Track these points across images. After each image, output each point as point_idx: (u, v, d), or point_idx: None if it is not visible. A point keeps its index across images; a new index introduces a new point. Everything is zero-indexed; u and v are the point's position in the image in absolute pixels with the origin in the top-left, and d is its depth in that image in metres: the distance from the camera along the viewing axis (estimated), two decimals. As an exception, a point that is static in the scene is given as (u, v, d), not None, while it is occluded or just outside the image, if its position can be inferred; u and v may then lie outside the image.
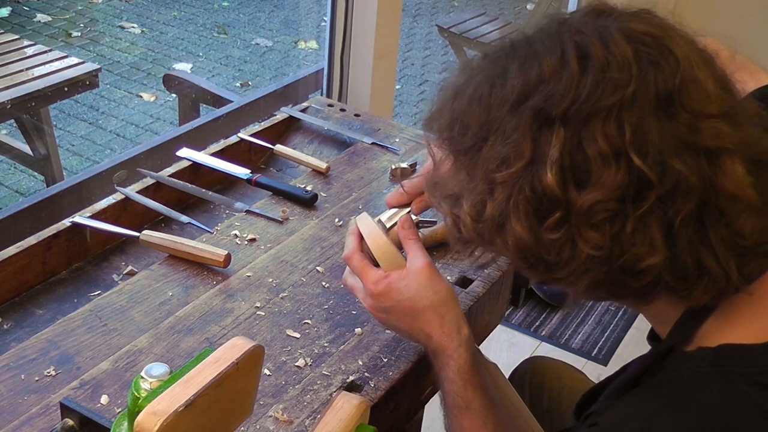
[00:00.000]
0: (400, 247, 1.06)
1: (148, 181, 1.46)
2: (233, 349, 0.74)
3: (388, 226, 1.08)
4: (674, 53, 0.71)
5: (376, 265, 1.04)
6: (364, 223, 1.06)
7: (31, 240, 1.26)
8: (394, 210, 1.10)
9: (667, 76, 0.70)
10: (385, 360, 1.12)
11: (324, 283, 1.26)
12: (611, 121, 0.69)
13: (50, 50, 3.15)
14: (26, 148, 3.05)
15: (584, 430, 0.76)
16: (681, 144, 0.69)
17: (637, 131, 0.69)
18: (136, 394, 0.73)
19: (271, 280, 1.26)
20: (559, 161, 0.70)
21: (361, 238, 1.05)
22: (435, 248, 1.37)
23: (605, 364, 2.55)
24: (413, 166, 1.59)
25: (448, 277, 1.30)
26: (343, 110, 1.83)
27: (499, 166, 0.73)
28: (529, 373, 1.41)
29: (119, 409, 0.99)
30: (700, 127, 0.70)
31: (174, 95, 3.61)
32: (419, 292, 0.99)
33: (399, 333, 1.07)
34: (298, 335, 1.15)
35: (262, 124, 1.74)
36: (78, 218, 1.32)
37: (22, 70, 2.93)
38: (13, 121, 3.08)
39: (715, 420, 0.71)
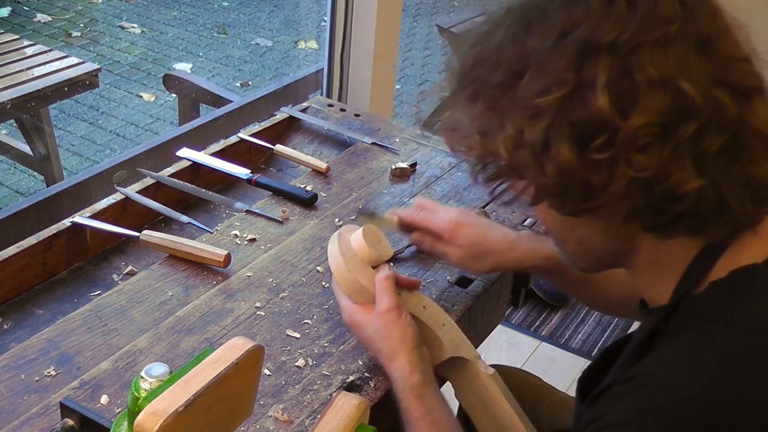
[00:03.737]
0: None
1: (148, 181, 1.46)
2: (233, 349, 0.74)
3: (358, 250, 1.09)
4: (711, 4, 0.77)
5: None
6: (339, 245, 1.09)
7: (31, 240, 1.26)
8: (364, 230, 1.11)
9: (705, 22, 0.75)
10: (385, 360, 1.12)
11: (324, 283, 1.26)
12: (658, 51, 0.72)
13: (50, 50, 3.15)
14: (26, 148, 3.05)
15: (627, 401, 0.75)
16: (717, 79, 0.73)
17: (681, 62, 0.72)
18: (136, 394, 0.73)
19: (271, 280, 1.26)
20: (608, 85, 0.72)
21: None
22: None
23: (605, 364, 2.55)
24: (413, 166, 1.59)
25: (448, 278, 1.30)
26: (343, 110, 1.83)
27: (541, 93, 0.74)
28: None
29: (119, 409, 0.99)
30: (732, 67, 0.74)
31: (174, 95, 3.61)
32: (375, 334, 1.05)
33: None
34: (298, 335, 1.15)
35: (262, 124, 1.75)
36: (78, 218, 1.32)
37: (22, 70, 2.93)
38: (13, 121, 3.08)
39: (759, 336, 0.72)
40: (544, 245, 1.14)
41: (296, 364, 1.10)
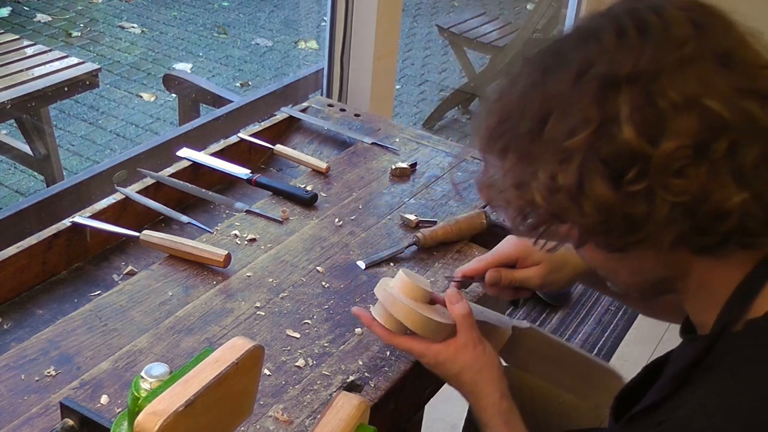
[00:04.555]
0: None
1: (148, 181, 1.46)
2: (233, 349, 0.74)
3: (401, 296, 1.06)
4: (723, 18, 0.76)
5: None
6: (391, 299, 1.05)
7: (31, 240, 1.26)
8: (402, 278, 1.08)
9: (720, 36, 0.74)
10: (385, 360, 1.12)
11: (324, 283, 1.26)
12: (677, 75, 0.72)
13: (50, 50, 3.15)
14: (26, 148, 3.05)
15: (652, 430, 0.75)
16: (744, 90, 0.72)
17: (703, 80, 0.72)
18: (136, 394, 0.73)
19: (271, 280, 1.26)
20: (632, 117, 0.71)
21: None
22: (435, 248, 1.37)
23: (605, 364, 2.55)
24: (413, 165, 1.59)
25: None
26: (343, 110, 1.83)
27: (568, 135, 0.74)
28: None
29: (119, 409, 0.99)
30: (756, 75, 0.74)
31: (174, 95, 3.61)
32: (468, 369, 1.03)
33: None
34: (298, 335, 1.15)
35: (262, 124, 1.75)
36: (78, 218, 1.32)
37: (22, 70, 2.92)
38: (13, 121, 3.08)
39: None
40: None
41: (296, 364, 1.10)
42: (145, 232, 1.31)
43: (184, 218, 1.41)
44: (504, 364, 1.15)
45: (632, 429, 0.83)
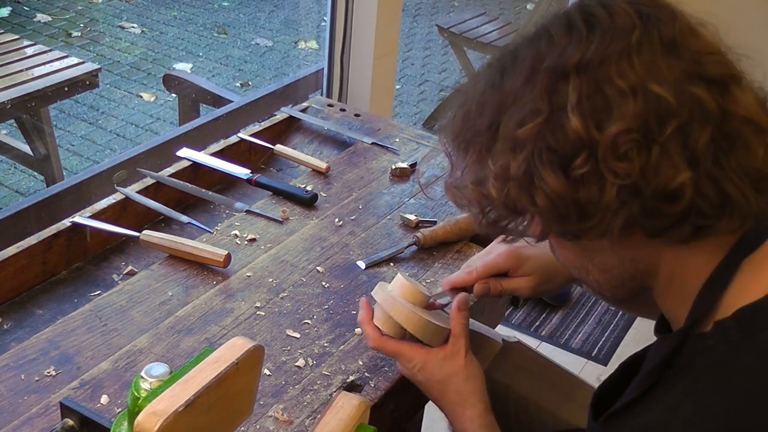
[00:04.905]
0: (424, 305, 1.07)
1: (148, 181, 1.46)
2: (233, 349, 0.74)
3: (404, 299, 1.06)
4: (670, 8, 0.78)
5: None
6: (390, 301, 1.05)
7: (31, 240, 1.26)
8: (401, 281, 1.08)
9: (667, 25, 0.76)
10: (385, 360, 1.12)
11: (324, 283, 1.26)
12: (624, 62, 0.73)
13: (50, 50, 3.15)
14: (26, 148, 3.05)
15: None
16: (691, 75, 0.74)
17: (649, 67, 0.74)
18: (136, 394, 0.73)
19: (271, 280, 1.26)
20: (579, 105, 0.73)
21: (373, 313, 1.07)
22: (435, 248, 1.37)
23: (605, 364, 2.55)
24: (413, 165, 1.59)
25: (448, 277, 1.30)
26: (343, 110, 1.83)
27: (519, 126, 0.76)
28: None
29: (119, 409, 0.99)
30: (704, 60, 0.75)
31: (174, 95, 3.61)
32: (454, 377, 1.03)
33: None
34: (298, 335, 1.15)
35: (262, 124, 1.75)
36: (78, 218, 1.32)
37: (22, 70, 2.92)
38: (13, 121, 3.08)
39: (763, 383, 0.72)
40: None
41: (296, 364, 1.10)
42: (145, 232, 1.31)
43: (184, 218, 1.41)
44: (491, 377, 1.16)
45: (608, 429, 0.83)
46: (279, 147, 1.63)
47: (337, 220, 1.42)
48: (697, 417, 0.72)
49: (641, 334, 2.64)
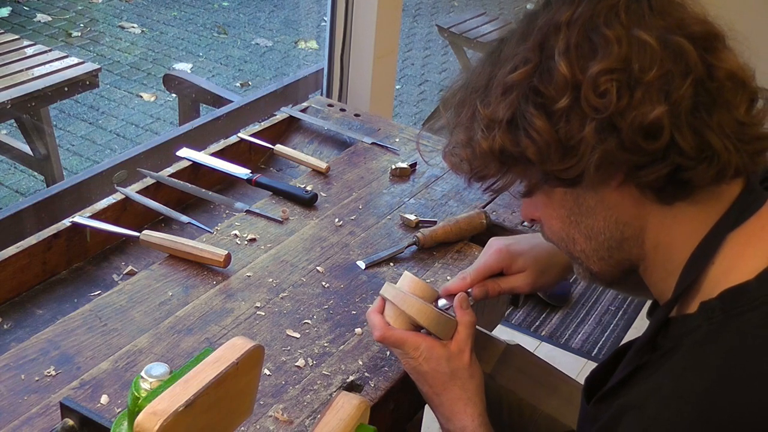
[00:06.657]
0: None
1: (148, 181, 1.46)
2: (233, 349, 0.74)
3: (412, 296, 1.06)
4: None
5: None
6: (402, 296, 1.05)
7: (31, 240, 1.26)
8: (409, 278, 1.08)
9: None
10: (385, 360, 1.12)
11: (324, 283, 1.26)
12: (611, 16, 0.78)
13: (50, 50, 3.15)
14: (26, 148, 3.05)
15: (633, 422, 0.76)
16: (675, 30, 0.77)
17: (636, 19, 0.78)
18: (136, 394, 0.73)
19: (271, 280, 1.26)
20: (566, 52, 0.77)
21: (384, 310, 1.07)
22: (435, 248, 1.37)
23: (605, 364, 2.55)
24: (413, 165, 1.59)
25: (448, 277, 1.30)
26: (343, 110, 1.83)
27: (509, 73, 0.81)
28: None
29: (119, 409, 0.99)
30: (687, 20, 0.79)
31: (174, 95, 3.61)
32: (459, 372, 1.03)
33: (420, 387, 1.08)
34: (298, 335, 1.15)
35: (262, 124, 1.75)
36: (78, 218, 1.32)
37: (22, 70, 2.92)
38: (13, 121, 3.08)
39: (750, 361, 0.72)
40: None
41: (296, 364, 1.10)
42: (145, 232, 1.31)
43: (184, 218, 1.41)
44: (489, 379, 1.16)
45: (598, 410, 0.84)
46: (279, 147, 1.63)
47: (337, 220, 1.42)
48: (676, 395, 0.73)
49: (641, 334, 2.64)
